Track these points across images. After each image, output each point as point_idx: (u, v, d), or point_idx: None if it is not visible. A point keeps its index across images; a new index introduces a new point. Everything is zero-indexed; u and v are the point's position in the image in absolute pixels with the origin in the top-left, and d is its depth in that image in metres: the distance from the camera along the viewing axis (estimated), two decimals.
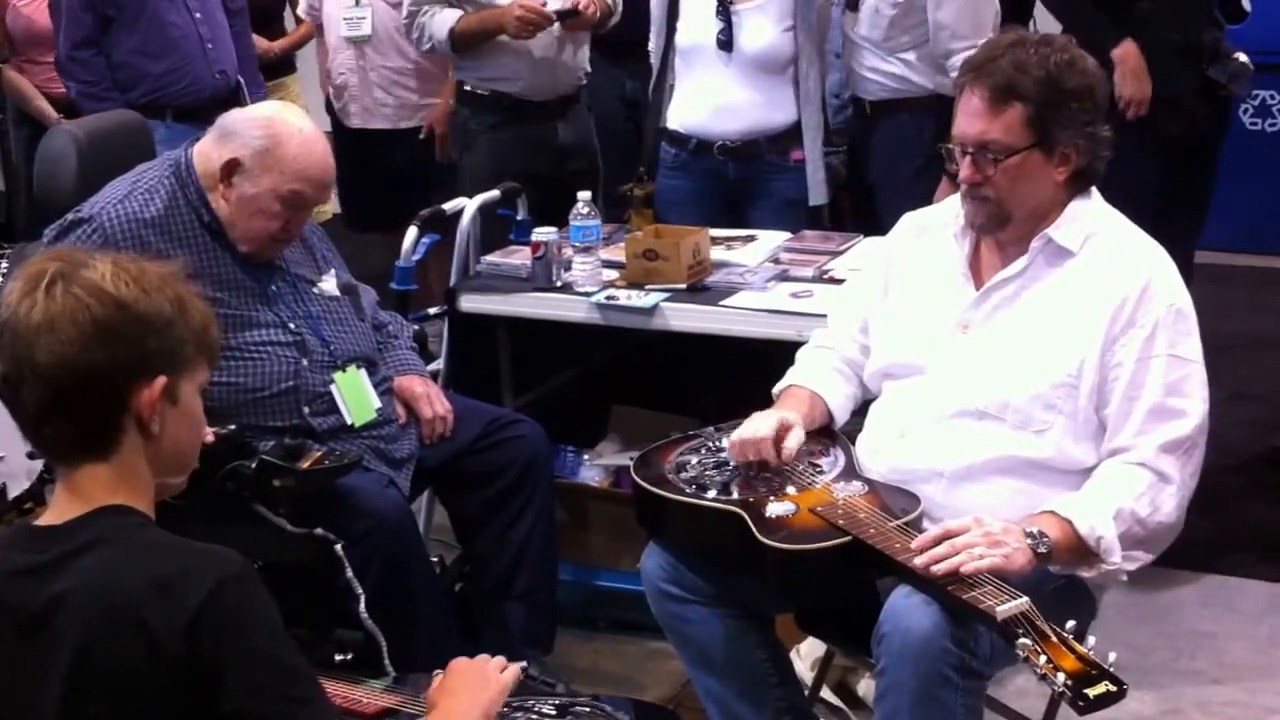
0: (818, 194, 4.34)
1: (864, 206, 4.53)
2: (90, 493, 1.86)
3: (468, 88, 4.70)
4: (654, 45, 4.49)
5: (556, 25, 4.50)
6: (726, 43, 4.25)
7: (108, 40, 4.98)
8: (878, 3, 4.25)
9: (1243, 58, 4.35)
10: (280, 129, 3.11)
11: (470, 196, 4.11)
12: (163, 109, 4.97)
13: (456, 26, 4.52)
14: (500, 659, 2.23)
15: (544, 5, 4.45)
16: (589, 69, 4.83)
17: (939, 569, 2.35)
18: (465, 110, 4.74)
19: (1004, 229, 2.68)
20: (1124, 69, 4.14)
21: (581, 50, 4.73)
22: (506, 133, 4.66)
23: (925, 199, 2.89)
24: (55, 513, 1.88)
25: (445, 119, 5.16)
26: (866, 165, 4.50)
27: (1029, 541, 2.42)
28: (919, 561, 2.38)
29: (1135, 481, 2.54)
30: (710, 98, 4.35)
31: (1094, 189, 2.71)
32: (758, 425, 2.74)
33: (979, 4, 4.19)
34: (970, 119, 2.63)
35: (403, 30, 4.78)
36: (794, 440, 2.73)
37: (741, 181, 4.39)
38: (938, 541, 2.40)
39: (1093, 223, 2.67)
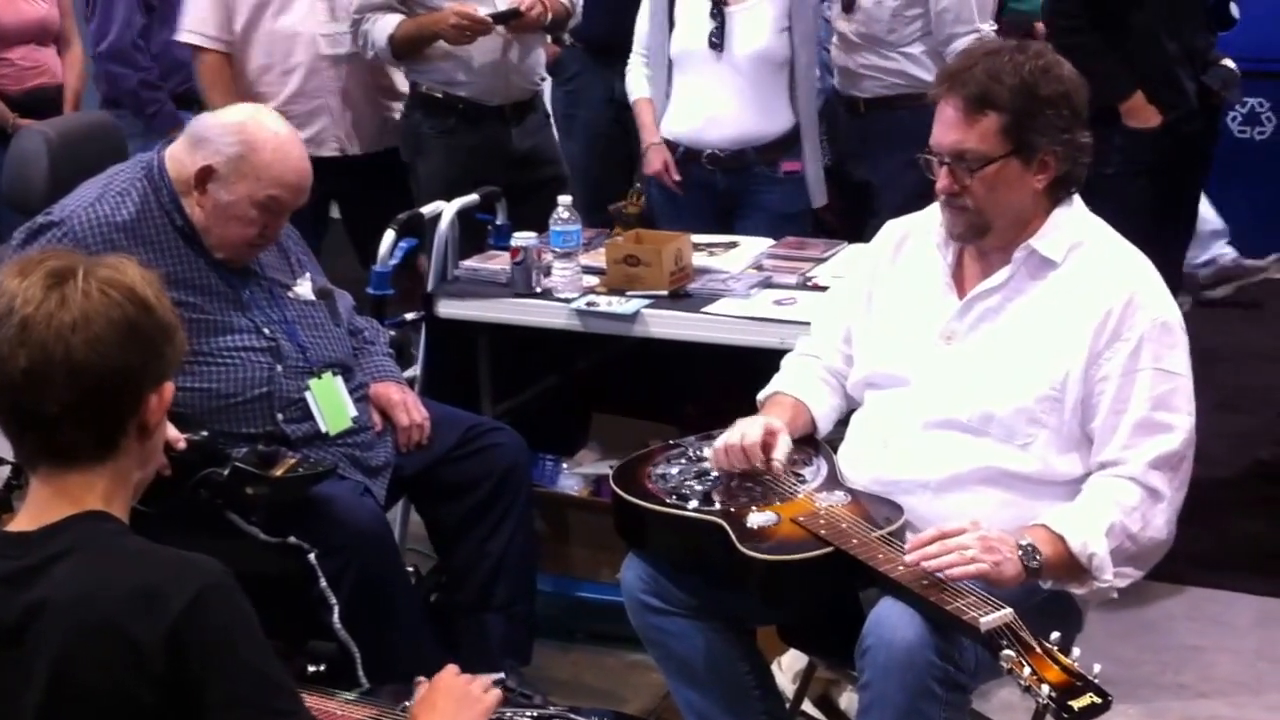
0: (819, 195, 4.36)
1: (852, 206, 4.51)
2: (79, 496, 1.84)
3: (422, 90, 4.63)
4: (650, 55, 4.45)
5: (500, 28, 4.45)
6: (718, 44, 4.23)
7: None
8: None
9: (1230, 64, 4.36)
10: (254, 134, 3.07)
11: (425, 202, 4.07)
12: (194, 100, 4.92)
13: (395, 33, 4.45)
14: (486, 678, 2.21)
15: (494, 7, 4.40)
16: (545, 74, 4.78)
17: (930, 565, 2.33)
18: (419, 113, 4.65)
19: (984, 238, 2.66)
20: (1132, 120, 4.16)
21: (535, 54, 4.66)
22: (459, 137, 4.59)
23: (923, 194, 2.88)
24: (31, 517, 1.85)
25: None
26: (859, 164, 4.48)
27: (1019, 554, 2.39)
28: (910, 558, 2.35)
29: (1126, 496, 2.52)
30: (701, 104, 4.34)
31: (1077, 196, 2.69)
32: (745, 431, 2.71)
33: None
34: (945, 129, 2.61)
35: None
36: (782, 449, 2.70)
37: (731, 193, 4.37)
38: (931, 542, 2.38)
39: (1077, 232, 2.65)
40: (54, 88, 5.53)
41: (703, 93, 4.33)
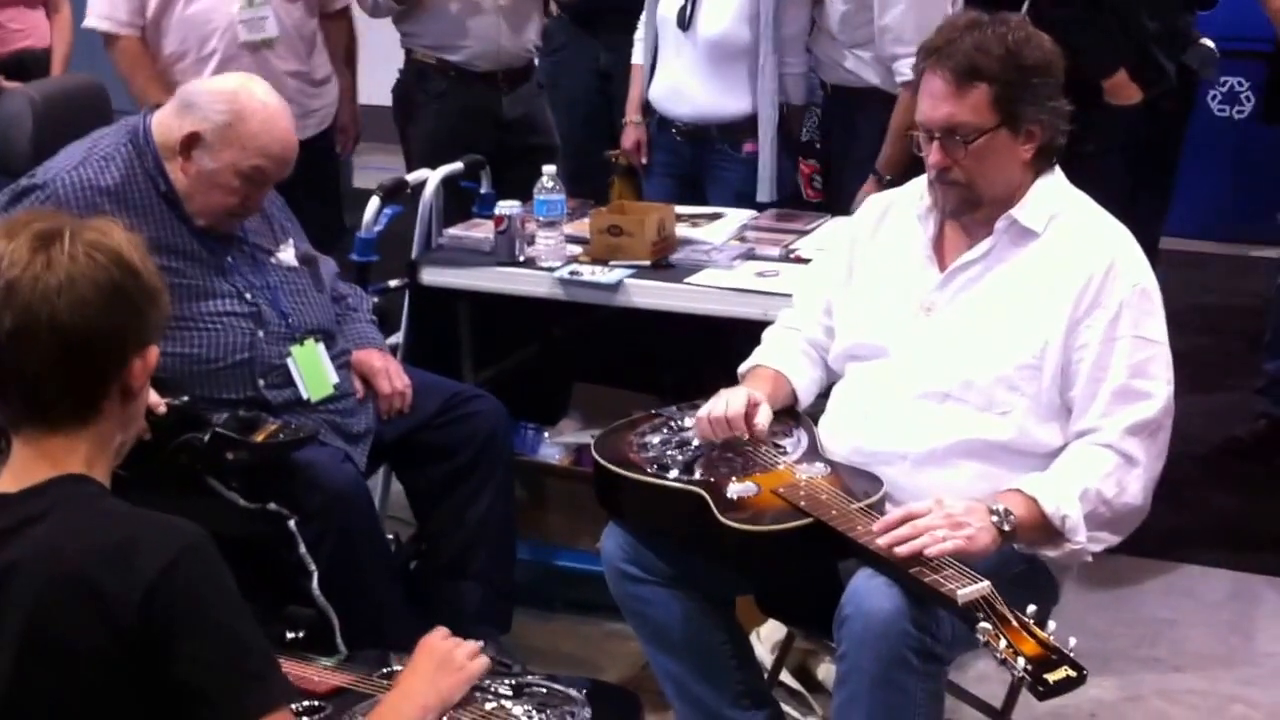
0: (765, 190, 4.25)
1: (832, 180, 4.51)
2: (61, 459, 1.84)
3: (415, 56, 4.64)
4: (646, 18, 4.45)
5: None
6: (685, 22, 4.21)
7: None
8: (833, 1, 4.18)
9: (1209, 43, 4.38)
10: (244, 104, 3.07)
11: (414, 168, 4.05)
12: None
13: None
14: (473, 645, 2.22)
15: None
16: (539, 42, 4.77)
17: (901, 550, 2.34)
18: (411, 78, 4.67)
19: (975, 212, 2.67)
20: (1114, 97, 4.17)
21: (528, 22, 4.66)
22: (450, 102, 4.60)
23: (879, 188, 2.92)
24: (12, 478, 1.85)
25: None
26: (830, 146, 4.46)
27: (993, 519, 2.41)
28: (881, 542, 2.36)
29: (1102, 462, 2.54)
30: (671, 76, 4.33)
31: (1057, 167, 2.71)
32: (729, 401, 2.71)
33: (924, 10, 4.01)
34: (935, 102, 2.61)
35: (301, 28, 4.39)
36: (763, 417, 2.71)
37: (695, 165, 4.37)
38: (900, 523, 2.38)
39: (1057, 203, 2.67)
40: (41, 50, 5.49)
41: (672, 65, 4.32)
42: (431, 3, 4.51)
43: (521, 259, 3.66)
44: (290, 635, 2.94)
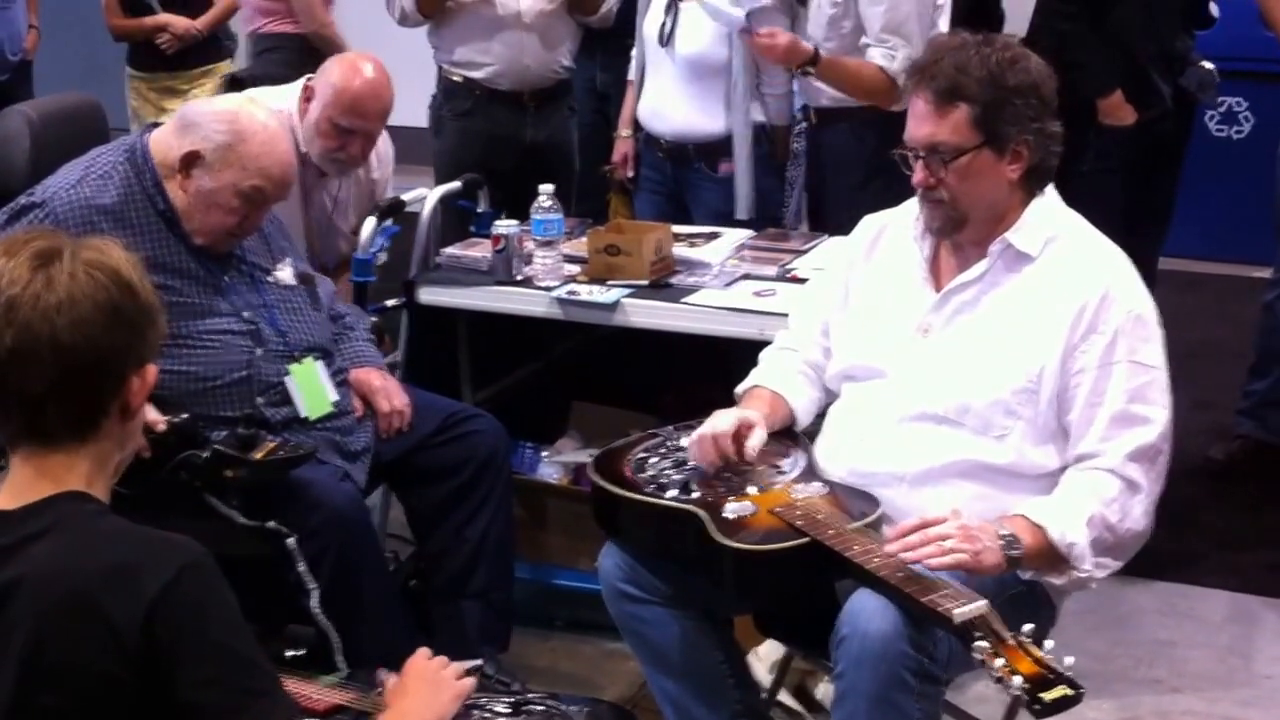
0: (743, 207, 4.23)
1: (819, 211, 4.49)
2: (61, 476, 1.85)
3: (444, 73, 4.69)
4: (637, 37, 4.47)
5: (528, 9, 4.46)
6: (665, 38, 4.22)
7: None
8: (820, 1, 4.15)
9: (1209, 66, 4.38)
10: (245, 124, 3.08)
11: (440, 182, 4.08)
12: None
13: None
14: (458, 665, 2.22)
15: None
16: (568, 64, 4.78)
17: (909, 557, 2.34)
18: (440, 96, 4.73)
19: (962, 231, 2.68)
20: (1108, 118, 4.18)
21: (559, 43, 4.67)
22: (474, 121, 4.64)
23: (865, 211, 2.92)
24: (12, 496, 1.86)
25: None
26: (816, 172, 4.43)
27: (1001, 543, 2.41)
28: (892, 548, 2.36)
29: (1105, 488, 2.54)
30: (653, 94, 4.35)
31: (1051, 189, 2.71)
32: (718, 422, 2.71)
33: (901, 8, 3.97)
34: (918, 122, 2.64)
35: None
36: (756, 439, 2.71)
37: (677, 183, 4.38)
38: (914, 531, 2.38)
39: (1052, 226, 2.67)
40: None
41: (655, 82, 4.33)
42: (456, 17, 4.53)
43: (519, 278, 3.66)
44: (290, 653, 2.94)
